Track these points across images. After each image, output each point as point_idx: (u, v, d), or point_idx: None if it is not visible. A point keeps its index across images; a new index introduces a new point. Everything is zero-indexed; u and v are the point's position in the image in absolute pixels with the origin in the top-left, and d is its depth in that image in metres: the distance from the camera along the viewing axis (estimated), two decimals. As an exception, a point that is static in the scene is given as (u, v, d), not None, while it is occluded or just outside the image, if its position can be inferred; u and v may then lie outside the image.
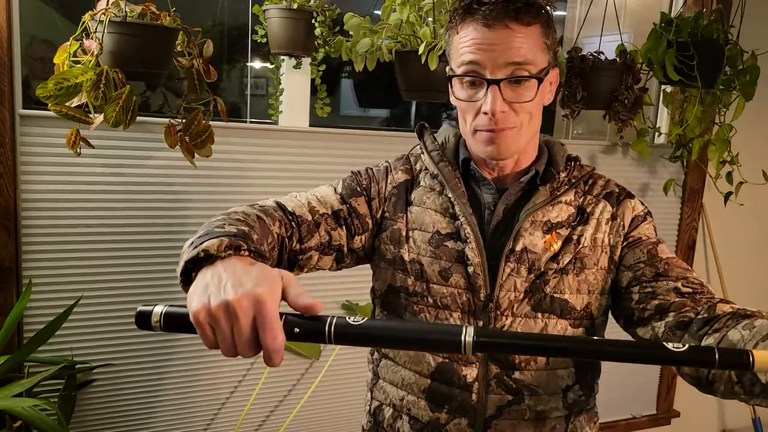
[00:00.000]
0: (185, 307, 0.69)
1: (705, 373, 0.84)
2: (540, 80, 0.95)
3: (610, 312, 1.06)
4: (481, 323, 0.99)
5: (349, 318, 0.66)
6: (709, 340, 0.84)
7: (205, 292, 0.67)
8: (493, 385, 1.00)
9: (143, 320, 0.69)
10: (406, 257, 1.03)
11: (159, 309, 0.69)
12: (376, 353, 1.12)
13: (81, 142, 1.45)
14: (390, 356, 1.08)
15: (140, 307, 0.69)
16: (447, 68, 1.02)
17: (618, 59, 2.01)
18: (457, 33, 0.97)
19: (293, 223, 0.97)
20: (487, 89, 0.93)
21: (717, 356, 0.65)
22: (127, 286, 1.78)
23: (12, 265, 1.66)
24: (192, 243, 0.76)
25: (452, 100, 1.01)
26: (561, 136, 2.45)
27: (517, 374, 1.00)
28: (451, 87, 1.00)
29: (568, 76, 1.96)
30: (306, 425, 2.08)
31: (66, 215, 1.70)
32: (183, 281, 0.75)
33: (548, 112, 2.43)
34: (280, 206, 0.98)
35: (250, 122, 1.93)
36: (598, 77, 1.96)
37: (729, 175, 2.26)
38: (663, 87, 2.31)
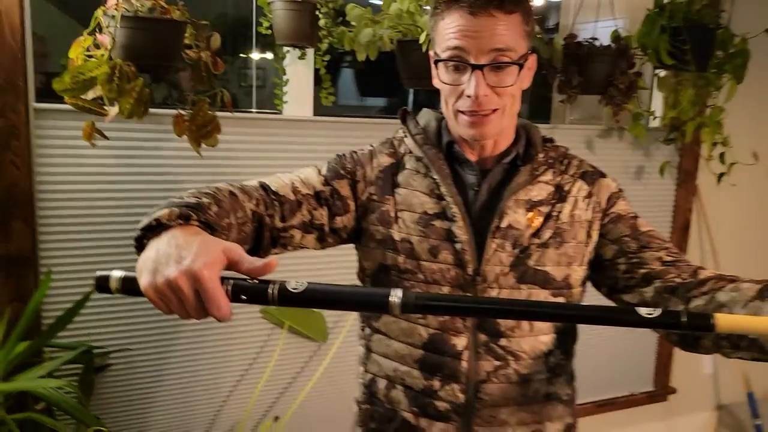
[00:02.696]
0: None
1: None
2: (521, 66, 1.01)
3: (589, 282, 1.13)
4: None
5: (291, 282, 0.73)
6: (697, 302, 0.92)
7: (151, 270, 0.74)
8: (481, 353, 1.06)
9: (102, 284, 0.76)
10: (396, 237, 1.08)
11: (117, 274, 0.76)
12: (367, 329, 1.17)
13: (96, 134, 1.50)
14: (382, 331, 1.13)
15: (98, 272, 0.76)
16: (432, 52, 1.07)
17: (612, 45, 2.06)
18: (443, 19, 1.02)
19: (276, 202, 1.03)
20: (471, 74, 0.99)
21: (684, 319, 0.72)
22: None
23: (30, 255, 1.72)
24: (150, 212, 0.84)
25: (436, 83, 1.07)
26: (558, 122, 2.51)
27: (503, 341, 1.06)
28: (436, 71, 1.06)
29: (564, 62, 2.02)
30: (316, 405, 2.16)
31: (81, 205, 1.76)
32: (137, 247, 0.82)
33: (544, 99, 2.49)
34: (263, 186, 1.04)
35: (256, 112, 1.98)
36: (593, 63, 2.02)
37: (722, 155, 2.32)
38: (657, 71, 2.36)
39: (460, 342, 1.06)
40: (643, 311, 0.75)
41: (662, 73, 2.40)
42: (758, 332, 0.77)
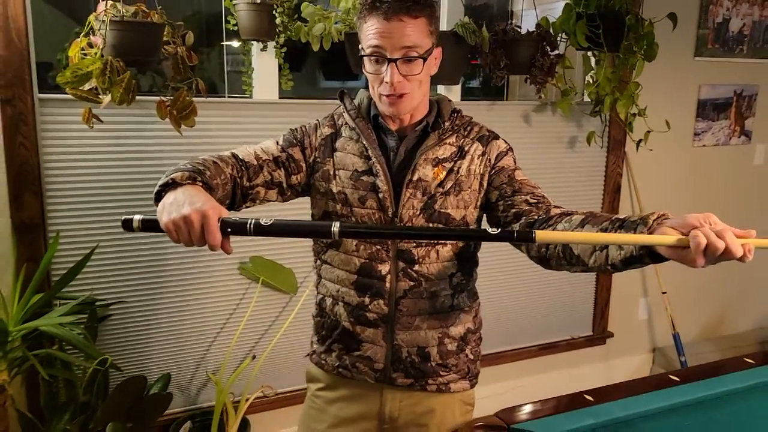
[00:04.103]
0: (155, 216, 1.08)
1: (544, 252, 1.24)
2: (425, 59, 1.31)
3: (482, 221, 1.45)
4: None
5: (263, 219, 1.05)
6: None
7: (171, 209, 1.05)
8: (400, 276, 1.39)
9: (127, 224, 1.06)
10: (334, 189, 1.40)
11: (139, 217, 1.07)
12: (318, 260, 1.50)
13: (93, 118, 1.82)
14: (328, 261, 1.46)
15: (124, 216, 1.07)
16: (359, 48, 1.36)
17: (535, 31, 2.39)
18: (366, 22, 1.31)
19: (243, 167, 1.33)
20: (387, 65, 1.30)
21: (515, 235, 1.06)
22: (135, 235, 2.16)
23: (39, 222, 2.04)
24: (165, 174, 1.15)
25: (364, 71, 1.37)
26: (512, 98, 2.90)
27: (417, 267, 1.39)
28: (363, 63, 1.36)
29: (493, 47, 2.33)
30: (287, 347, 2.51)
31: (81, 179, 2.08)
32: (156, 199, 1.14)
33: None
34: (234, 155, 1.34)
35: (228, 97, 2.31)
36: (517, 47, 2.34)
37: (630, 125, 2.67)
38: (579, 53, 2.68)
39: (384, 268, 1.39)
40: (489, 230, 1.07)
41: (589, 54, 2.73)
42: (563, 241, 1.14)
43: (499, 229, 1.07)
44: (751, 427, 1.44)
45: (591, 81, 2.67)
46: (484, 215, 1.45)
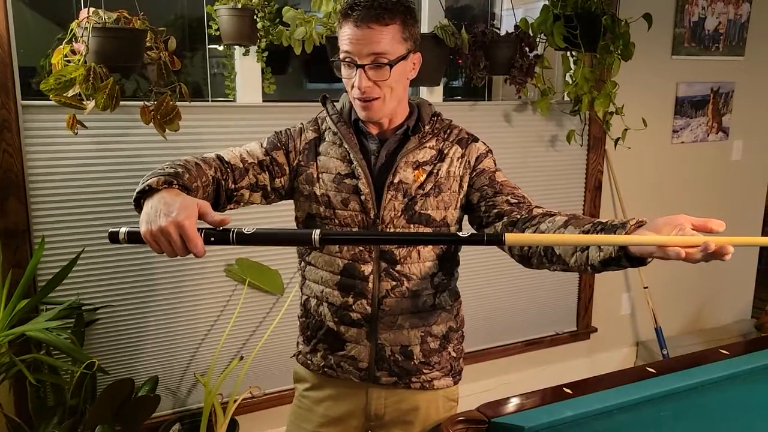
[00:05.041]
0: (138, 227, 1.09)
1: (526, 252, 1.27)
2: (391, 65, 1.32)
3: (463, 222, 1.47)
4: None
5: (246, 228, 1.06)
6: (528, 231, 1.25)
7: (148, 221, 1.05)
8: (383, 276, 1.42)
9: (114, 237, 1.06)
10: (318, 192, 1.42)
11: (124, 229, 1.08)
12: (302, 262, 1.53)
13: (77, 124, 1.84)
14: (312, 263, 1.49)
15: (110, 229, 1.07)
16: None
17: (514, 32, 2.43)
18: (341, 29, 1.34)
19: (228, 170, 1.35)
20: (357, 71, 1.32)
21: (485, 237, 1.07)
22: (120, 240, 2.18)
23: (25, 227, 2.06)
24: (143, 179, 1.16)
25: (340, 75, 1.40)
26: (497, 98, 2.94)
27: (399, 267, 1.41)
28: (340, 67, 1.39)
29: (472, 49, 2.37)
30: (275, 347, 2.53)
31: (66, 184, 2.10)
32: (136, 206, 1.15)
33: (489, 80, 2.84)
34: (219, 158, 1.35)
35: (212, 101, 2.33)
36: (497, 48, 2.38)
37: (607, 123, 2.72)
38: (559, 53, 2.73)
39: (367, 269, 1.41)
40: (460, 233, 1.09)
41: (568, 54, 2.78)
42: (534, 243, 1.19)
43: (470, 233, 1.09)
44: (725, 417, 1.49)
45: (570, 81, 2.71)
46: (466, 215, 1.47)
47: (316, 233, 1.06)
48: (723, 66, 3.31)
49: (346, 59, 1.33)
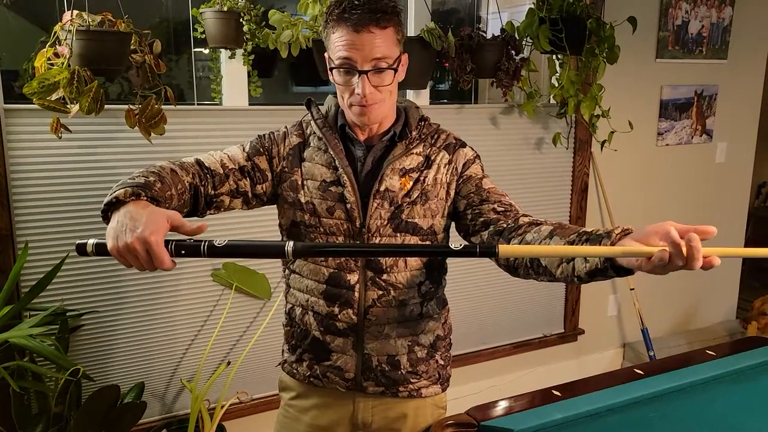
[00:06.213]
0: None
1: (512, 262, 1.26)
2: (395, 70, 1.31)
3: (451, 230, 1.45)
4: (358, 242, 1.37)
5: (217, 240, 1.02)
6: (514, 241, 1.24)
7: (115, 236, 1.02)
8: (369, 285, 1.39)
9: (81, 249, 1.03)
10: (303, 200, 1.37)
11: (92, 241, 1.05)
12: (287, 270, 1.49)
13: (61, 128, 1.82)
14: (297, 271, 1.45)
15: (78, 241, 1.06)
16: (326, 56, 1.36)
17: (500, 35, 2.43)
18: (334, 32, 1.30)
19: (208, 175, 1.30)
20: (358, 77, 1.26)
21: (477, 249, 1.05)
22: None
23: (8, 233, 2.03)
24: (112, 189, 1.12)
25: (331, 80, 1.36)
26: (484, 101, 2.94)
27: (385, 276, 1.39)
28: (331, 72, 1.35)
29: (459, 52, 2.37)
30: (262, 353, 2.52)
31: (49, 189, 2.07)
32: (104, 218, 1.11)
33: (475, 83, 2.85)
34: (198, 162, 1.32)
35: (198, 104, 2.31)
36: (483, 51, 2.38)
37: (593, 126, 2.73)
38: (545, 56, 2.74)
39: (353, 278, 1.39)
40: (452, 245, 1.07)
41: (554, 57, 2.79)
42: (526, 255, 1.18)
43: (462, 245, 1.07)
44: (712, 417, 1.50)
45: (556, 84, 2.73)
46: (453, 223, 1.45)
47: (290, 245, 1.02)
48: (706, 69, 3.35)
49: (344, 65, 1.28)
